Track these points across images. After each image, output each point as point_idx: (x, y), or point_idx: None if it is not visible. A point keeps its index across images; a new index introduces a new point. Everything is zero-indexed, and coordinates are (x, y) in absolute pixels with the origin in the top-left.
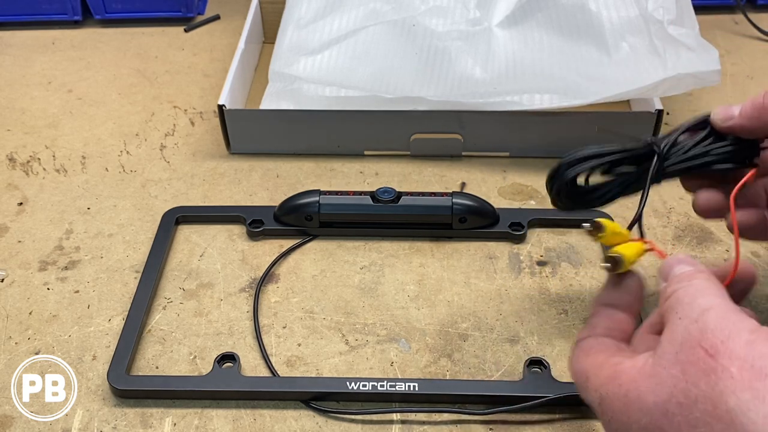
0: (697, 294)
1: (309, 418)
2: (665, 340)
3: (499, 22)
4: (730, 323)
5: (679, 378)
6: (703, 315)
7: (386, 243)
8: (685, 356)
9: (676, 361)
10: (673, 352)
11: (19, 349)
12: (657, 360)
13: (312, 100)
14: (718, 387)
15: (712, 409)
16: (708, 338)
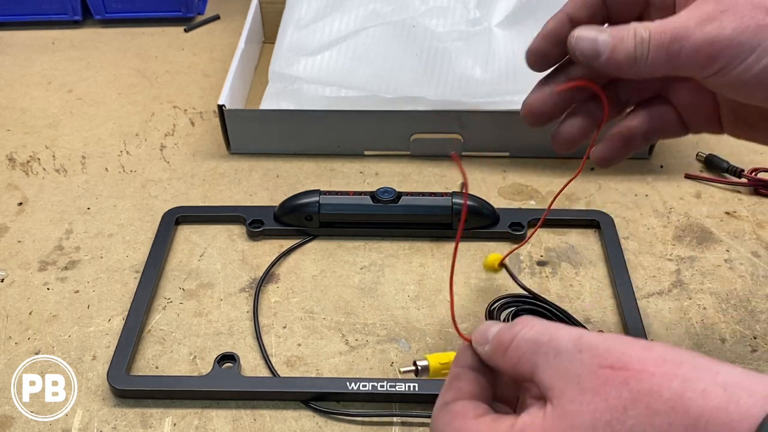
0: (547, 330)
1: (309, 418)
2: (551, 382)
3: (499, 22)
4: (610, 339)
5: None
6: (580, 343)
7: (386, 243)
8: (591, 383)
9: (583, 391)
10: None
11: (19, 349)
12: (558, 402)
13: (312, 100)
14: (644, 388)
15: (646, 409)
16: (607, 358)
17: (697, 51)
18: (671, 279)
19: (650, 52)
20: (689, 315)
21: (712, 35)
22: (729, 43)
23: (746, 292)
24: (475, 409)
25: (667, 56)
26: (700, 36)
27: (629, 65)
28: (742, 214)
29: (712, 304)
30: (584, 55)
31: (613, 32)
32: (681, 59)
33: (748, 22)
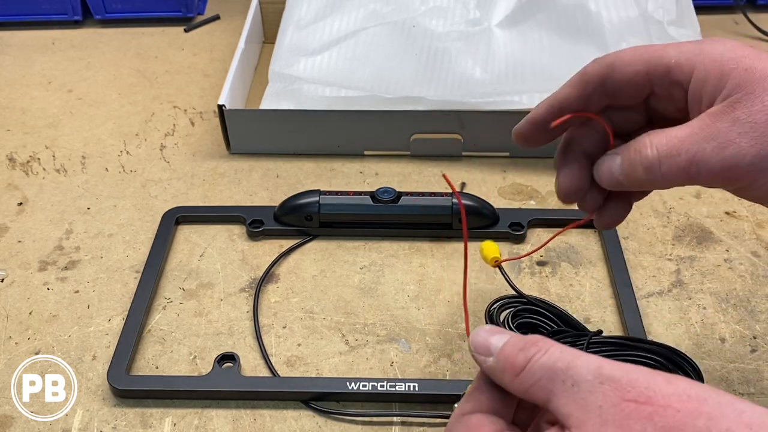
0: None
1: (309, 418)
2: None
3: (499, 22)
4: (632, 371)
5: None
6: (600, 374)
7: (386, 243)
8: (613, 415)
9: (605, 422)
10: (594, 417)
11: (19, 349)
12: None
13: (312, 100)
14: (668, 424)
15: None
16: (630, 391)
17: (717, 175)
18: (671, 279)
19: (663, 175)
20: (689, 315)
21: (731, 162)
22: (751, 169)
23: (746, 292)
24: (491, 424)
25: (686, 177)
26: (719, 162)
27: (648, 185)
28: (742, 214)
29: (711, 304)
30: (608, 185)
31: (624, 156)
32: (700, 180)
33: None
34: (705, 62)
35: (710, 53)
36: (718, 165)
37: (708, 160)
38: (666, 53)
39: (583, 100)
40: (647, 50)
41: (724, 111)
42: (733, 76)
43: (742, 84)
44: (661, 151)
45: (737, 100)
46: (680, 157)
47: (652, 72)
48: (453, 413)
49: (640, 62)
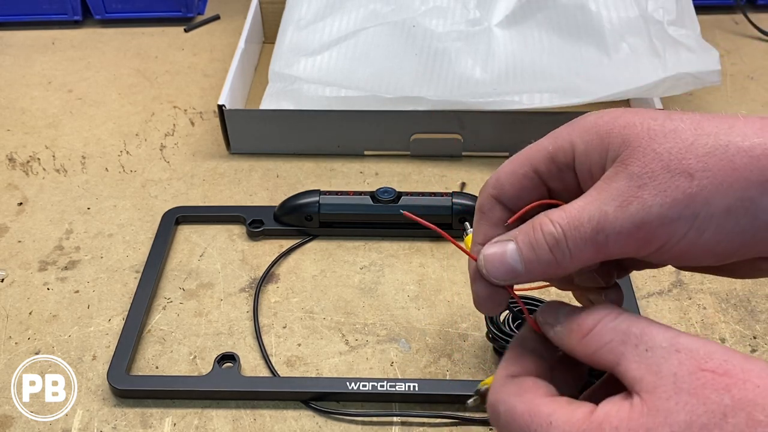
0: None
1: (309, 418)
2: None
3: (499, 22)
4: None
5: (693, 403)
6: (677, 342)
7: (386, 243)
8: (688, 383)
9: (679, 390)
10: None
11: (19, 349)
12: (648, 396)
13: (312, 100)
14: (747, 397)
15: (748, 418)
16: (707, 362)
17: (627, 237)
18: (671, 279)
19: (571, 250)
20: (689, 315)
21: (638, 218)
22: (661, 222)
23: (746, 292)
24: (546, 387)
25: (595, 248)
26: (625, 220)
27: (554, 270)
28: None
29: (712, 304)
30: (500, 279)
31: (520, 239)
32: (611, 248)
33: (673, 194)
34: (581, 134)
35: (583, 125)
36: (627, 224)
37: (613, 223)
38: (542, 144)
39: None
40: (523, 152)
41: (617, 171)
42: (614, 137)
43: (625, 141)
44: (564, 224)
45: (627, 157)
46: (583, 227)
47: (537, 167)
48: (496, 376)
49: (521, 164)
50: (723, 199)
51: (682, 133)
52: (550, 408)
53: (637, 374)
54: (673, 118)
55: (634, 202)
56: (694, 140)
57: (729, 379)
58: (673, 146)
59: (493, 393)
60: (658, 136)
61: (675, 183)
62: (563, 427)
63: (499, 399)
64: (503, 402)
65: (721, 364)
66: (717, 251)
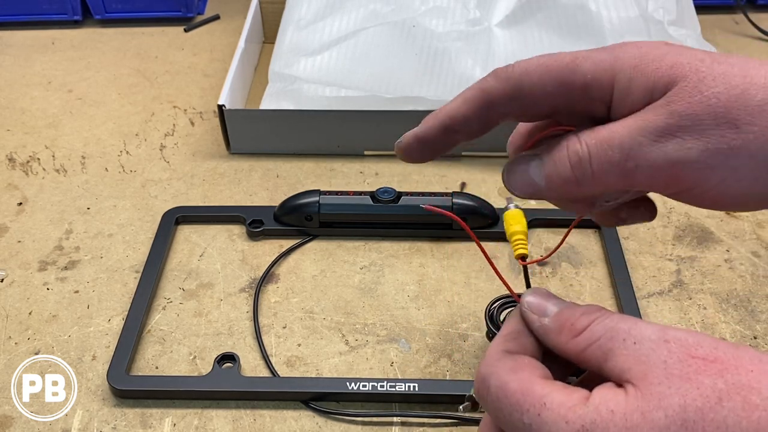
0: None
1: (309, 418)
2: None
3: (499, 22)
4: (698, 334)
5: (687, 387)
6: (665, 334)
7: (386, 243)
8: (680, 369)
9: (670, 375)
10: (658, 370)
11: (19, 349)
12: (640, 383)
13: (312, 100)
14: (741, 382)
15: (743, 402)
16: (697, 350)
17: (658, 171)
18: (671, 279)
19: (594, 171)
20: (689, 315)
21: (674, 156)
22: (697, 167)
23: (746, 292)
24: (542, 369)
25: (621, 174)
26: (659, 156)
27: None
28: (743, 214)
29: (712, 304)
30: (521, 191)
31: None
32: (637, 178)
33: (716, 142)
34: (625, 70)
35: (627, 60)
36: (660, 159)
37: (647, 154)
38: (579, 68)
39: (482, 120)
40: (556, 62)
41: (660, 105)
42: (660, 76)
43: (672, 81)
44: (591, 144)
45: (672, 95)
46: (612, 150)
47: (568, 90)
48: (491, 350)
49: (551, 82)
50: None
51: (731, 79)
52: (545, 389)
53: (625, 365)
54: (721, 62)
55: (673, 140)
56: (744, 89)
57: (720, 365)
58: (721, 91)
59: (486, 366)
60: (707, 79)
61: (719, 131)
62: (558, 410)
63: (492, 372)
64: (496, 376)
65: (711, 352)
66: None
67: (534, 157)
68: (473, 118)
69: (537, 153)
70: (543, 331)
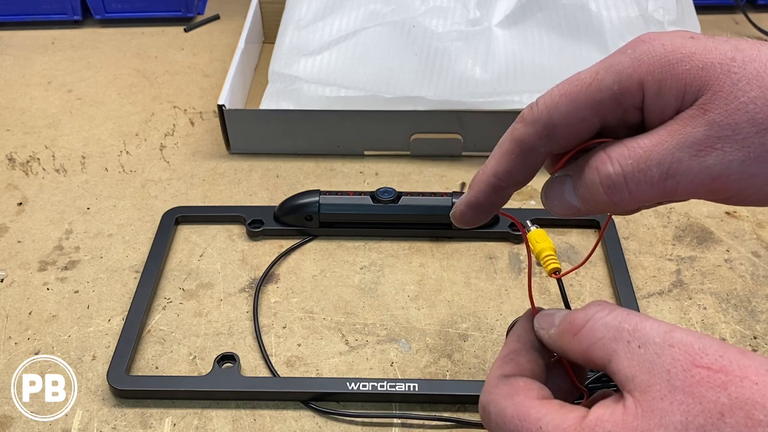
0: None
1: (309, 418)
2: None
3: (499, 22)
4: (705, 338)
5: (689, 402)
6: (670, 337)
7: (386, 243)
8: (683, 381)
9: (673, 388)
10: (661, 381)
11: (19, 349)
12: (642, 396)
13: (312, 100)
14: (744, 396)
15: (746, 418)
16: (702, 357)
17: (700, 186)
18: (671, 279)
19: (632, 192)
20: (689, 315)
21: (716, 171)
22: (739, 177)
23: (746, 292)
24: (539, 389)
25: (660, 192)
26: (701, 171)
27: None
28: (742, 214)
29: (712, 304)
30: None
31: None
32: (679, 193)
33: (757, 150)
34: (652, 72)
35: (652, 61)
36: (702, 175)
37: (687, 172)
38: (602, 83)
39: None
40: (577, 87)
41: (695, 115)
42: (692, 78)
43: (705, 83)
44: (626, 165)
45: (706, 102)
46: (651, 170)
47: (599, 111)
48: (490, 375)
49: (580, 109)
50: None
51: (766, 79)
52: (540, 412)
53: (629, 372)
54: (752, 58)
55: (713, 154)
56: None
57: (725, 376)
58: (758, 95)
59: (485, 394)
60: (741, 82)
61: (760, 139)
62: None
63: (490, 400)
64: (494, 404)
65: (717, 360)
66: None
67: (566, 178)
68: (516, 170)
69: (569, 174)
70: (552, 341)
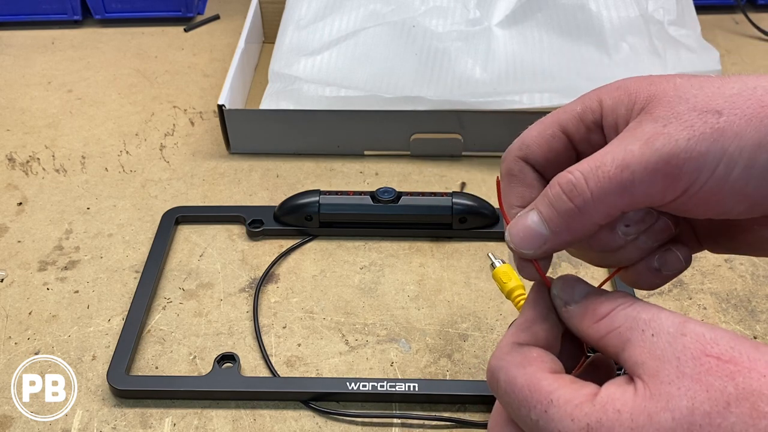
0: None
1: (309, 418)
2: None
3: (499, 22)
4: (718, 330)
5: (696, 388)
6: (684, 327)
7: (386, 243)
8: (691, 368)
9: (682, 374)
10: (670, 367)
11: (19, 349)
12: (651, 381)
13: (312, 100)
14: (751, 387)
15: (751, 409)
16: (713, 347)
17: (655, 172)
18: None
19: (593, 193)
20: (689, 315)
21: (665, 151)
22: (689, 155)
23: (746, 292)
24: (552, 362)
25: (620, 188)
26: (652, 155)
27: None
28: None
29: (712, 304)
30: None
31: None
32: (637, 187)
33: (701, 128)
34: (609, 92)
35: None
36: (653, 158)
37: (639, 158)
38: (569, 107)
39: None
40: (550, 116)
41: (641, 119)
42: (641, 91)
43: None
44: (583, 169)
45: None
46: (606, 166)
47: (565, 127)
48: (503, 341)
49: (549, 126)
50: (753, 132)
51: (708, 83)
52: (552, 385)
53: (639, 359)
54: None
55: (660, 138)
56: (721, 85)
57: (734, 366)
58: (699, 92)
59: (496, 359)
60: (684, 86)
61: (702, 119)
62: (564, 407)
63: (501, 366)
64: (505, 371)
65: (727, 351)
66: (747, 192)
67: (529, 210)
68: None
69: (531, 208)
70: (567, 316)
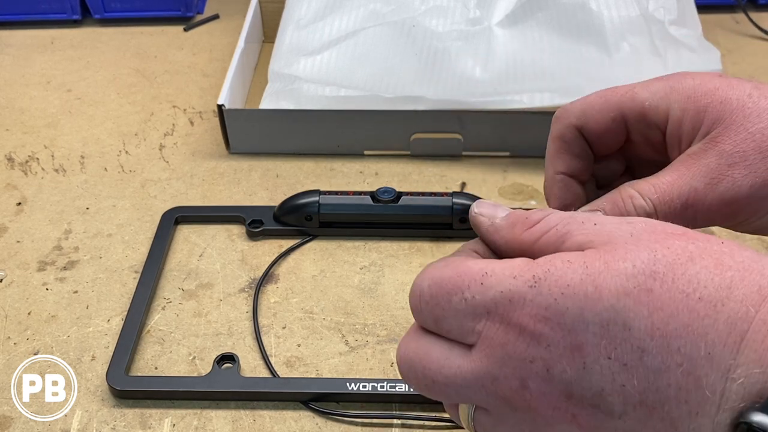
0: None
1: (308, 418)
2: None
3: (499, 22)
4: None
5: (656, 247)
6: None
7: (386, 243)
8: (648, 236)
9: (638, 239)
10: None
11: (18, 349)
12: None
13: (312, 100)
14: (712, 248)
15: (715, 262)
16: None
17: (714, 212)
18: None
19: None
20: None
21: (728, 196)
22: (749, 201)
23: None
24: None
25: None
26: (715, 198)
27: None
28: None
29: None
30: None
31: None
32: (697, 222)
33: (764, 174)
34: (679, 100)
35: (682, 90)
36: (716, 202)
37: (702, 200)
38: (637, 96)
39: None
40: (615, 94)
41: (707, 147)
42: (710, 111)
43: (720, 117)
44: (654, 199)
45: (719, 134)
46: (674, 202)
47: (628, 116)
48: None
49: (612, 108)
50: None
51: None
52: (483, 264)
53: (585, 239)
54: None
55: (724, 180)
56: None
57: (692, 236)
58: (765, 126)
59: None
60: (752, 116)
61: (766, 164)
62: (502, 272)
63: (424, 277)
64: (429, 277)
65: (681, 230)
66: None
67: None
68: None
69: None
70: (494, 229)
